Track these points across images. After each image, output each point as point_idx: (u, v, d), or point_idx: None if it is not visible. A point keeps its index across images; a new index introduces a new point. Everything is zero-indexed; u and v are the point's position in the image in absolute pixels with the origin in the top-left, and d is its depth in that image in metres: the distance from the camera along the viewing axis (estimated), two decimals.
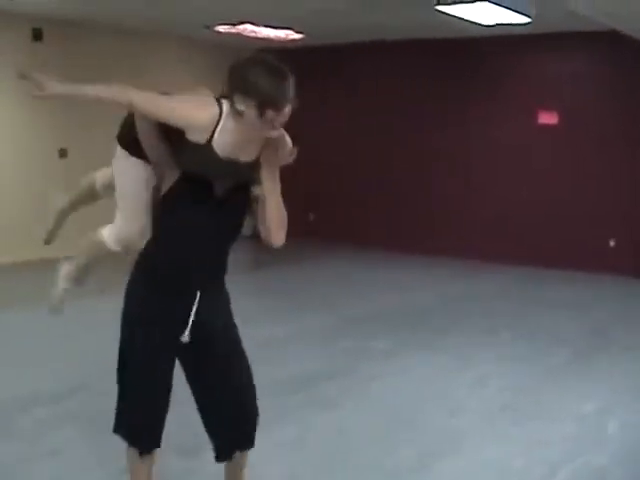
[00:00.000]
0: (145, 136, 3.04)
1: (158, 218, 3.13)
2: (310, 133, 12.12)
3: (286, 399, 5.52)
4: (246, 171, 3.05)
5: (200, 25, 11.06)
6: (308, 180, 12.19)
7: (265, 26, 10.99)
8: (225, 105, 2.93)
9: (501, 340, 7.43)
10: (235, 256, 3.25)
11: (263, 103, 2.84)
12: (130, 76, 11.84)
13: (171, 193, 3.06)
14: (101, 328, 6.97)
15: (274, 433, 4.86)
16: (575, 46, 11.26)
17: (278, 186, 3.10)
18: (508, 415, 5.39)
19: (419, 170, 12.56)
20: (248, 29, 11.07)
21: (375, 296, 9.37)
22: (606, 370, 6.56)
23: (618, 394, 5.94)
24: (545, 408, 5.55)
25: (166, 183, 3.09)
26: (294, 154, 3.04)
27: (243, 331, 3.32)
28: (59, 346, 6.76)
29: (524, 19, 9.81)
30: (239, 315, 3.33)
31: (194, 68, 12.61)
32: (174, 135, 2.93)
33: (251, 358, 3.37)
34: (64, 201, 3.65)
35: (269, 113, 2.86)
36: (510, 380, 6.20)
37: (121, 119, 3.21)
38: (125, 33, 11.63)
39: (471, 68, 12.09)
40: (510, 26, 10.36)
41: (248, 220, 3.22)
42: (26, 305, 8.18)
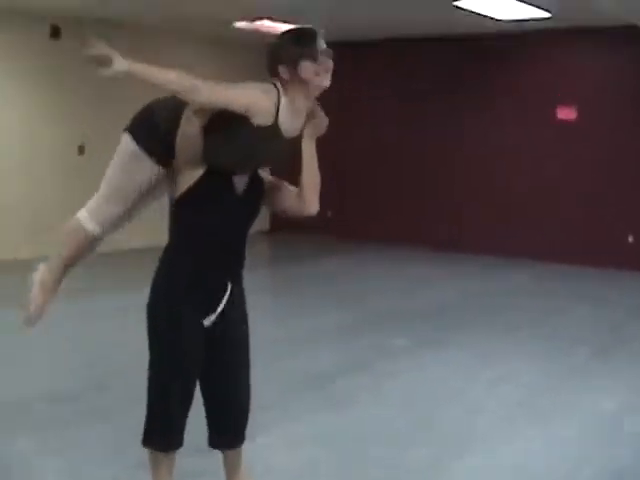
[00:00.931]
0: (189, 138, 3.02)
1: (179, 216, 3.14)
2: (328, 130, 12.09)
3: (302, 395, 5.52)
4: (289, 147, 3.17)
5: (218, 22, 11.04)
6: (326, 177, 12.06)
7: (283, 22, 10.96)
8: (278, 84, 3.06)
9: (520, 337, 7.39)
10: (253, 252, 3.25)
11: (298, 57, 3.02)
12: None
13: (192, 192, 3.07)
14: (118, 325, 7.05)
15: (290, 429, 4.87)
16: (594, 41, 11.18)
17: (315, 155, 3.27)
18: (526, 413, 5.35)
19: (439, 166, 12.52)
20: (266, 25, 11.05)
21: (393, 293, 9.34)
22: (625, 367, 6.50)
23: (638, 391, 5.89)
24: (564, 406, 5.51)
25: (181, 185, 3.08)
26: (327, 124, 3.23)
27: (261, 327, 3.32)
28: (76, 343, 6.82)
29: (544, 14, 9.78)
30: (257, 311, 3.32)
31: (213, 65, 12.59)
32: (224, 129, 2.96)
33: (268, 354, 3.37)
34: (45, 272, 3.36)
35: (310, 65, 3.03)
36: (529, 378, 6.16)
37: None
38: (143, 30, 11.65)
39: (489, 64, 12.02)
40: (529, 21, 10.33)
41: (264, 213, 3.26)
42: (55, 301, 8.20)
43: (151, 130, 3.09)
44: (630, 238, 11.00)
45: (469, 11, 9.60)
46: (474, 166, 12.20)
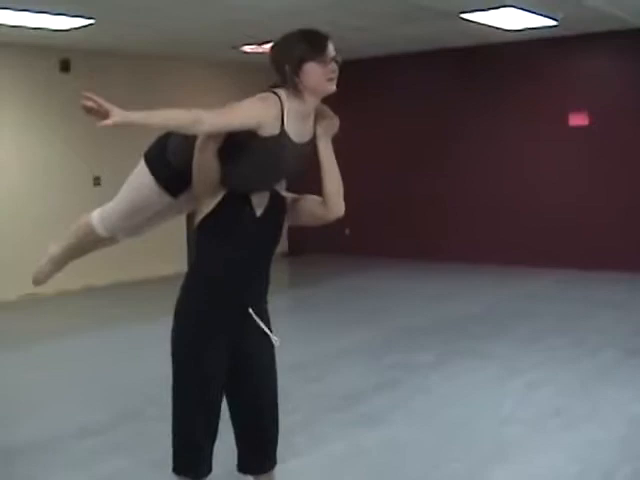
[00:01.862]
0: (203, 168, 3.00)
1: (199, 242, 3.13)
2: (344, 147, 12.11)
3: (334, 415, 5.50)
4: (303, 154, 3.10)
5: (226, 46, 11.09)
6: (344, 194, 12.14)
7: None
8: (279, 91, 2.99)
9: (548, 344, 7.34)
10: (273, 274, 3.23)
11: (305, 58, 2.95)
12: (158, 102, 11.94)
13: (211, 217, 3.06)
14: (149, 354, 7.05)
15: (323, 449, 4.85)
16: (603, 46, 11.18)
17: (333, 155, 3.16)
18: (559, 420, 5.31)
19: (454, 179, 12.50)
20: None
21: (416, 308, 9.31)
22: None
23: None
24: (597, 411, 5.47)
25: (201, 211, 3.08)
26: (338, 123, 3.13)
27: (285, 349, 3.29)
28: (109, 373, 6.84)
29: (550, 22, 9.79)
30: (281, 333, 3.30)
31: (222, 89, 12.66)
32: (234, 149, 2.94)
33: (295, 376, 3.35)
34: (57, 249, 3.54)
35: (314, 66, 2.96)
36: (558, 384, 6.11)
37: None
38: (151, 59, 11.73)
39: (499, 74, 12.02)
40: (536, 30, 10.34)
41: (283, 235, 3.25)
42: (74, 333, 8.28)
43: (166, 162, 3.08)
44: None
45: (475, 22, 9.61)
46: (490, 177, 12.17)
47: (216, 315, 3.09)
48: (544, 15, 9.35)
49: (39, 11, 8.22)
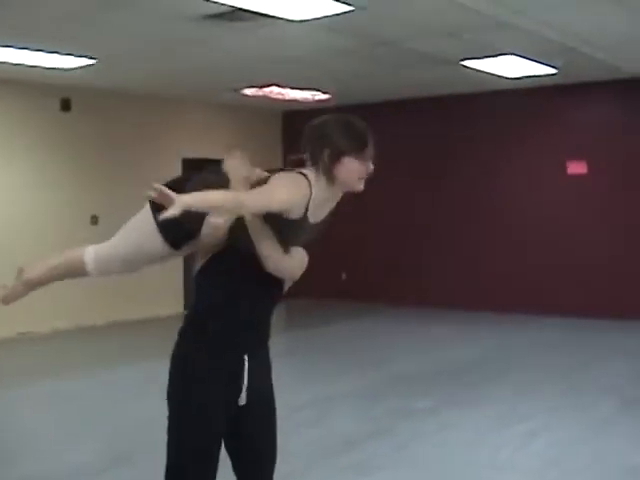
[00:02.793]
0: (212, 236, 3.01)
1: (199, 286, 3.09)
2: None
3: (329, 462, 5.41)
4: (320, 228, 3.10)
5: (227, 89, 11.15)
6: (339, 240, 12.15)
7: (291, 88, 11.07)
8: (310, 174, 2.96)
9: (547, 392, 7.28)
10: None
11: (346, 151, 2.94)
12: (158, 141, 11.99)
13: (212, 263, 3.04)
14: (143, 396, 6.98)
15: None
16: (601, 95, 11.25)
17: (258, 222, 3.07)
18: (558, 470, 5.23)
19: (450, 227, 12.50)
20: (275, 91, 11.15)
21: (413, 354, 9.24)
22: None
23: None
24: (596, 461, 5.39)
25: (203, 256, 3.06)
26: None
27: (281, 394, 3.23)
28: (101, 414, 6.76)
29: (549, 70, 9.85)
30: (275, 378, 3.25)
31: (222, 131, 12.72)
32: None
33: (290, 421, 3.29)
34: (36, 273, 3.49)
35: (353, 162, 2.96)
36: (557, 433, 6.03)
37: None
38: (152, 100, 11.77)
39: (497, 121, 12.08)
40: (536, 78, 10.42)
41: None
42: (67, 373, 8.22)
43: (176, 222, 3.00)
44: None
45: (476, 70, 9.67)
46: (488, 223, 12.18)
47: (210, 365, 3.01)
48: (544, 63, 9.42)
49: (40, 50, 8.26)
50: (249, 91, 11.21)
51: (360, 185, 3.04)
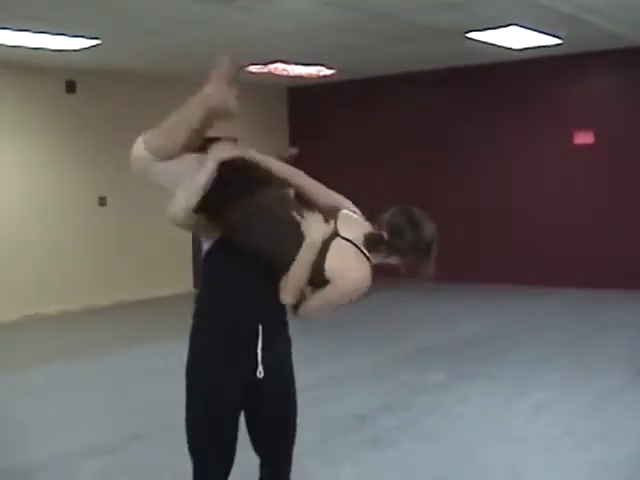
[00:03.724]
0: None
1: (206, 272, 3.15)
2: (344, 165, 12.13)
3: (344, 437, 5.47)
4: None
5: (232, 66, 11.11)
6: None
7: (296, 64, 11.03)
8: (372, 258, 3.20)
9: (557, 364, 7.31)
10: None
11: (400, 255, 3.26)
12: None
13: (214, 251, 3.11)
14: (163, 375, 7.01)
15: (333, 472, 4.80)
16: (606, 64, 11.21)
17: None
18: (569, 441, 5.27)
19: (459, 199, 12.48)
20: (279, 68, 11.12)
21: (426, 329, 9.28)
22: None
23: None
24: (607, 431, 5.43)
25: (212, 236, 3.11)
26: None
27: (297, 371, 3.26)
28: (122, 394, 6.82)
29: (554, 40, 9.80)
30: (292, 356, 3.28)
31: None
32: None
33: (306, 398, 3.31)
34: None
35: (398, 262, 3.31)
36: (568, 405, 6.08)
37: None
38: (157, 80, 11.74)
39: (503, 93, 12.04)
40: (541, 48, 10.37)
41: None
42: (90, 354, 8.26)
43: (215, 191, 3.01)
44: None
45: (480, 42, 9.63)
46: (497, 196, 12.16)
47: (224, 343, 3.05)
48: (548, 33, 9.37)
49: (45, 31, 8.25)
50: (254, 68, 11.18)
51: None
